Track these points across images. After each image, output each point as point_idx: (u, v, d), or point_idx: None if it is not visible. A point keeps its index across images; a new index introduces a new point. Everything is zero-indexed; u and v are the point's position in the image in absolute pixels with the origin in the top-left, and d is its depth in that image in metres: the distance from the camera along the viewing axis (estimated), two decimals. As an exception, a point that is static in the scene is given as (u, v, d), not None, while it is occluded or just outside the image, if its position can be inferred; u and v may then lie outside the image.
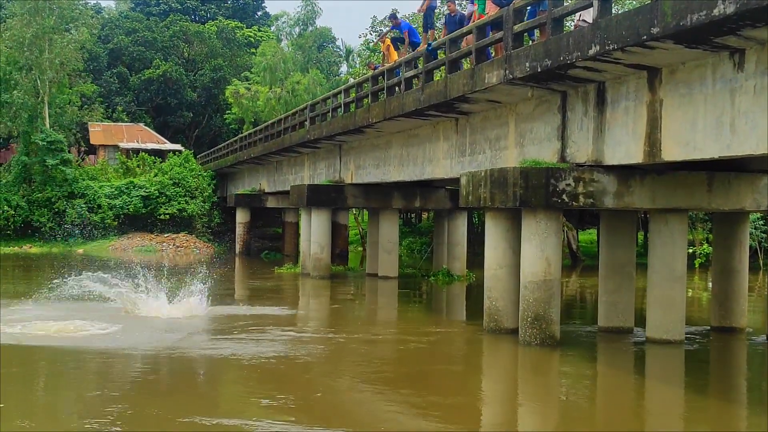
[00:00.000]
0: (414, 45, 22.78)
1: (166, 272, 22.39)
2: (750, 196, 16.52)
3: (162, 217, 49.60)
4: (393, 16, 22.64)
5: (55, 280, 19.80)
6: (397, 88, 22.17)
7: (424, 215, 52.72)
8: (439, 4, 39.29)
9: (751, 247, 19.76)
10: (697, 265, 33.39)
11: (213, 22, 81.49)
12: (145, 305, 19.15)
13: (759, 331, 18.50)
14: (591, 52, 12.90)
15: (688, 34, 11.11)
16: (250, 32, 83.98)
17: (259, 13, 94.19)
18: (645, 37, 11.65)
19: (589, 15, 13.80)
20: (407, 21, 22.87)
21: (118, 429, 9.61)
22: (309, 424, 9.92)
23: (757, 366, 16.17)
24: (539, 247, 15.38)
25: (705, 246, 35.28)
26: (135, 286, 19.58)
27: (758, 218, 34.73)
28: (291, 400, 11.36)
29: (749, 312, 19.48)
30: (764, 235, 35.22)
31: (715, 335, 18.08)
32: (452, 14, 20.00)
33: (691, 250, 22.34)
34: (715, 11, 10.27)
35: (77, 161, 53.79)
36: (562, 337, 15.87)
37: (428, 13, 21.73)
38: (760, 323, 19.61)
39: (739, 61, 11.62)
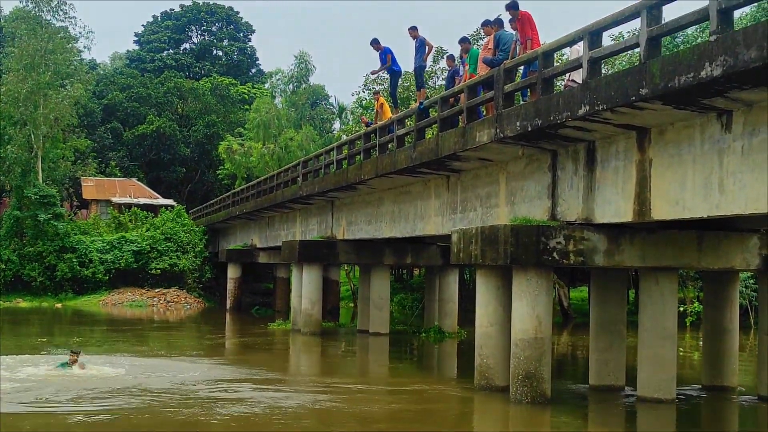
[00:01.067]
0: (395, 73, 23.10)
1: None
2: (740, 255, 16.61)
3: (153, 272, 49.44)
4: (375, 41, 22.87)
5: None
6: (389, 146, 22.35)
7: (416, 271, 52.65)
8: (430, 64, 39.82)
9: (741, 305, 19.78)
10: (688, 324, 33.28)
11: (207, 79, 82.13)
12: None
13: (750, 391, 18.44)
14: (581, 112, 13.06)
15: (677, 95, 11.28)
16: (244, 89, 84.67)
17: (253, 71, 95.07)
18: (634, 97, 11.83)
19: (578, 75, 14.01)
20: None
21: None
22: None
23: (749, 426, 16.13)
24: (530, 305, 15.39)
25: (696, 304, 35.21)
26: None
27: (748, 277, 34.77)
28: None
29: (740, 371, 19.44)
30: (755, 294, 35.16)
31: (706, 394, 18.03)
32: (450, 68, 20.50)
33: (681, 309, 22.33)
34: (703, 73, 10.45)
35: (69, 216, 53.75)
36: (553, 395, 15.78)
37: (419, 72, 22.02)
38: (752, 382, 19.54)
39: (726, 122, 11.78)
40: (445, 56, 26.83)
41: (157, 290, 48.87)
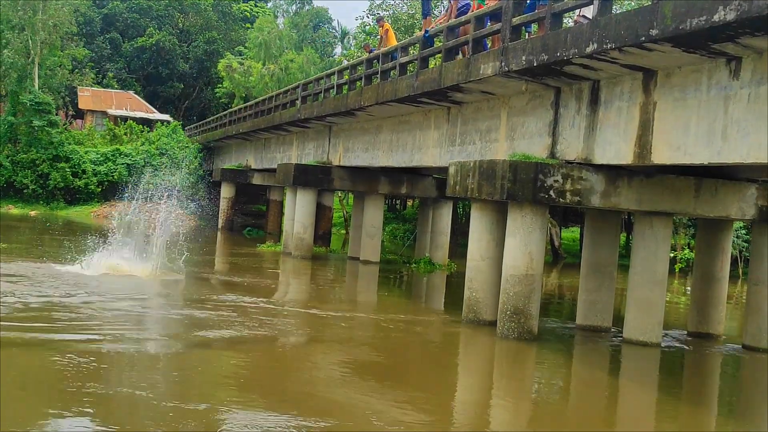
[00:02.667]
0: None
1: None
2: (736, 205, 16.59)
3: (146, 186, 49.31)
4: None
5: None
6: (391, 73, 22.09)
7: (409, 202, 52.70)
8: None
9: (731, 255, 19.81)
10: (677, 270, 33.53)
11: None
12: None
13: (735, 340, 18.60)
14: (588, 49, 12.86)
15: (687, 38, 11.10)
16: (246, 7, 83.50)
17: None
18: (643, 38, 11.63)
19: (589, 12, 13.76)
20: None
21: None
22: (278, 411, 9.81)
23: (731, 373, 16.29)
24: (523, 242, 15.38)
25: (686, 251, 35.42)
26: None
27: (741, 227, 34.88)
28: (261, 386, 11.19)
29: (726, 320, 19.56)
30: (746, 245, 35.34)
31: (691, 340, 18.17)
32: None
33: (672, 255, 22.43)
34: (716, 17, 10.26)
35: (64, 125, 53.45)
36: (539, 332, 15.90)
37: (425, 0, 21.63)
38: (737, 331, 19.70)
39: (735, 68, 11.63)
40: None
41: (149, 205, 48.78)
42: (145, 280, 20.05)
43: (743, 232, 35.28)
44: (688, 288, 24.50)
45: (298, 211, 30.39)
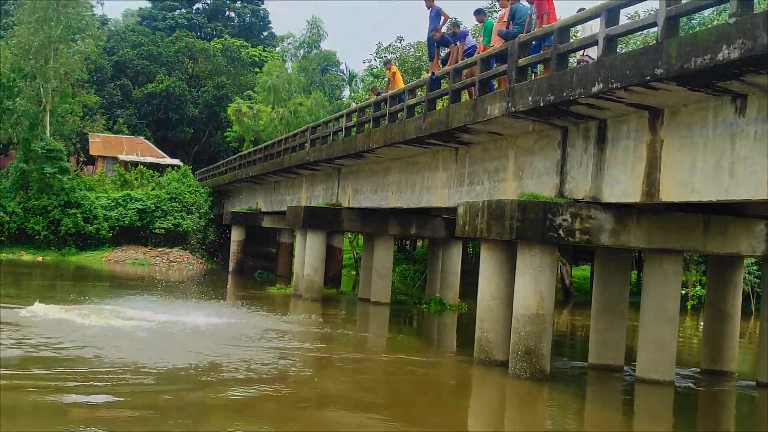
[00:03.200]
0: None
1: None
2: (746, 241, 16.56)
3: (157, 231, 49.55)
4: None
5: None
6: (399, 115, 22.26)
7: (419, 243, 52.70)
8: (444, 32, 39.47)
9: (743, 291, 19.76)
10: (689, 307, 33.35)
11: (218, 40, 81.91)
12: None
13: (748, 376, 18.47)
14: (594, 89, 12.96)
15: (692, 76, 11.18)
16: (255, 52, 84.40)
17: (265, 34, 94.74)
18: (648, 77, 11.72)
19: (593, 51, 13.89)
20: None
21: None
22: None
23: (745, 410, 16.17)
24: (533, 281, 15.38)
25: (698, 288, 35.25)
26: None
27: (752, 263, 34.74)
28: (272, 426, 11.20)
29: (739, 356, 19.45)
30: (757, 281, 35.17)
31: (704, 378, 18.06)
32: (450, 33, 20.44)
33: (683, 292, 22.33)
34: (720, 56, 10.35)
35: (75, 171, 53.79)
36: (551, 371, 15.82)
37: (431, 42, 21.83)
38: (750, 368, 19.57)
39: (740, 106, 11.69)
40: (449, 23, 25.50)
41: (160, 249, 48.96)
42: (150, 326, 19.93)
43: (755, 268, 35.13)
44: (701, 325, 24.36)
45: (308, 254, 30.45)
